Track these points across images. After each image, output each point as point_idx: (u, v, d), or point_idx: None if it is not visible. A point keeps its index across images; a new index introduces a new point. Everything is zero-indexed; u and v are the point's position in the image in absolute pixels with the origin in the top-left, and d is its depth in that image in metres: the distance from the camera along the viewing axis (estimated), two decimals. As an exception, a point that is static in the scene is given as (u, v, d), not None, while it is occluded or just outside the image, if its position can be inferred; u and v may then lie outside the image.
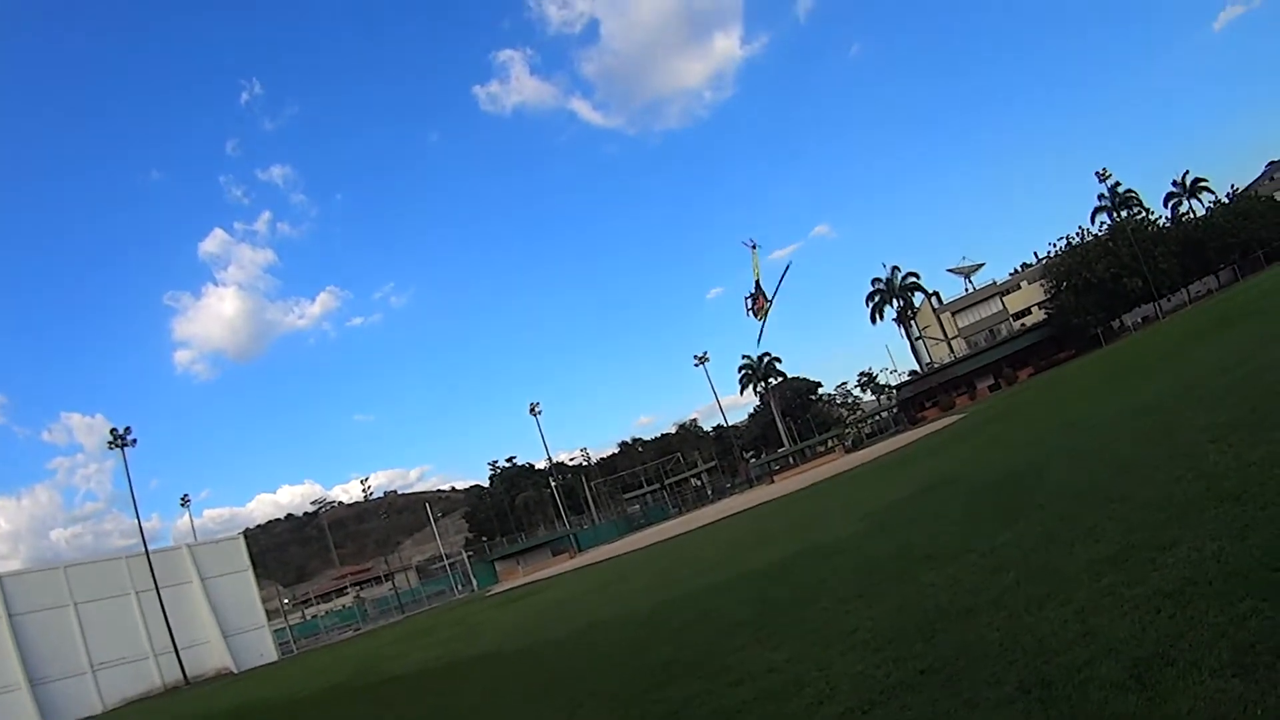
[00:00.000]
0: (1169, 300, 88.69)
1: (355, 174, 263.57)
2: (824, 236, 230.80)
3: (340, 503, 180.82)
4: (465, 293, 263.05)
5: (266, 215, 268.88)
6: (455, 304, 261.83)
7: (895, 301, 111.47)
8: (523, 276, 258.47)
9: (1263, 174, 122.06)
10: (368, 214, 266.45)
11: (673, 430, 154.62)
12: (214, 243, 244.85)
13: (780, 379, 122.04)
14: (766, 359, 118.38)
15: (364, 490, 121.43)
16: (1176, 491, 9.63)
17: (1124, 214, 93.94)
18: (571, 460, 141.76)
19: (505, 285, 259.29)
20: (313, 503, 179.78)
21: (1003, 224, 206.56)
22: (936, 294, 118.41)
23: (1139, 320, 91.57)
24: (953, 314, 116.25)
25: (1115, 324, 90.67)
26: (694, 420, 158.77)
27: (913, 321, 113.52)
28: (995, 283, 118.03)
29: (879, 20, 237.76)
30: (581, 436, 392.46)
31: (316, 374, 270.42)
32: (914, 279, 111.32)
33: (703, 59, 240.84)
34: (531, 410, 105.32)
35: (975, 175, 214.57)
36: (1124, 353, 50.16)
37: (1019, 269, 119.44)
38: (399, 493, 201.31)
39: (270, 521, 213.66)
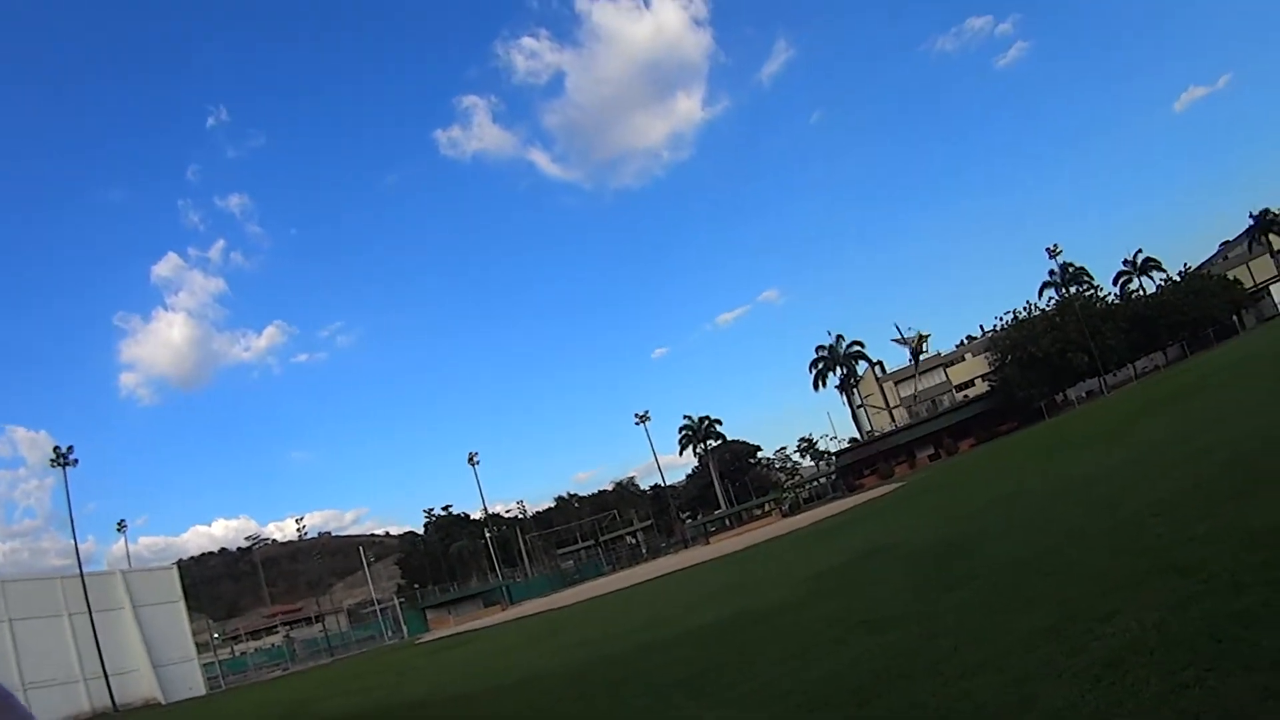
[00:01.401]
0: (1115, 375, 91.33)
1: (312, 209, 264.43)
2: (771, 301, 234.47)
3: (274, 540, 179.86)
4: (412, 336, 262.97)
5: (221, 243, 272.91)
6: (402, 347, 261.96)
7: (839, 369, 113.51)
8: (470, 324, 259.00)
9: (1216, 253, 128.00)
10: (321, 251, 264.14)
11: (610, 487, 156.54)
12: (167, 266, 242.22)
13: (720, 441, 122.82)
14: (706, 421, 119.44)
15: (299, 529, 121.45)
16: (1118, 563, 9.77)
17: (1073, 290, 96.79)
18: (508, 512, 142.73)
19: (452, 331, 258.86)
20: (247, 538, 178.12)
21: (951, 296, 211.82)
22: (880, 363, 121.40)
23: (1083, 395, 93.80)
24: (895, 384, 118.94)
25: (1059, 398, 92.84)
26: (632, 478, 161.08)
27: (855, 390, 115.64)
28: (940, 354, 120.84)
29: (842, 90, 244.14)
30: (518, 489, 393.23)
31: (258, 408, 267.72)
32: (858, 348, 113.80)
33: (664, 118, 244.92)
34: (470, 460, 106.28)
35: (927, 247, 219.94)
36: (1067, 426, 51.24)
37: (964, 341, 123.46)
38: (333, 534, 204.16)
39: (204, 554, 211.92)
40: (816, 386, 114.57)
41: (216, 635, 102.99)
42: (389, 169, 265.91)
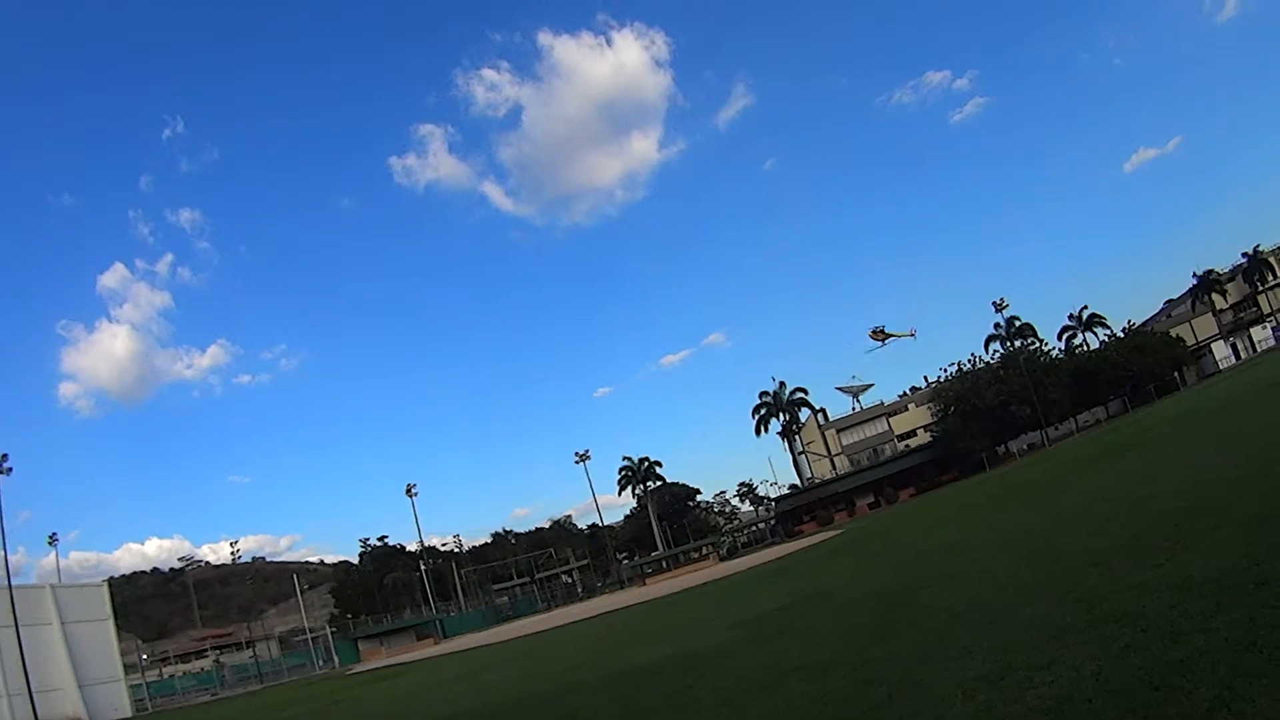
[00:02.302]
0: (1056, 429, 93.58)
1: (263, 229, 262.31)
2: (717, 345, 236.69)
3: (207, 562, 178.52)
4: (356, 363, 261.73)
5: (169, 258, 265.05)
6: (345, 374, 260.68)
7: (781, 415, 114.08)
8: (414, 354, 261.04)
9: (1160, 311, 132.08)
10: (269, 271, 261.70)
11: (548, 525, 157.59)
12: (114, 277, 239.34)
13: (659, 483, 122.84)
14: (646, 463, 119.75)
15: (232, 553, 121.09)
16: (1056, 613, 9.82)
17: (1018, 344, 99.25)
18: (444, 545, 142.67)
19: (396, 360, 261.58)
20: (180, 559, 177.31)
21: (897, 347, 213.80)
22: (823, 411, 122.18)
23: (1025, 447, 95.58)
24: (838, 431, 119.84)
25: (1001, 449, 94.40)
26: (569, 517, 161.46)
27: (797, 436, 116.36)
28: (883, 403, 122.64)
29: (797, 138, 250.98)
30: (455, 523, 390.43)
31: (197, 427, 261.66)
32: (802, 394, 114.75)
33: (619, 158, 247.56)
34: (408, 491, 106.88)
35: (874, 297, 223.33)
36: (1008, 477, 52.03)
37: (908, 392, 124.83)
38: (267, 559, 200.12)
39: (136, 572, 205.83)
40: (759, 432, 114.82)
41: (145, 656, 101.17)
42: (342, 193, 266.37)
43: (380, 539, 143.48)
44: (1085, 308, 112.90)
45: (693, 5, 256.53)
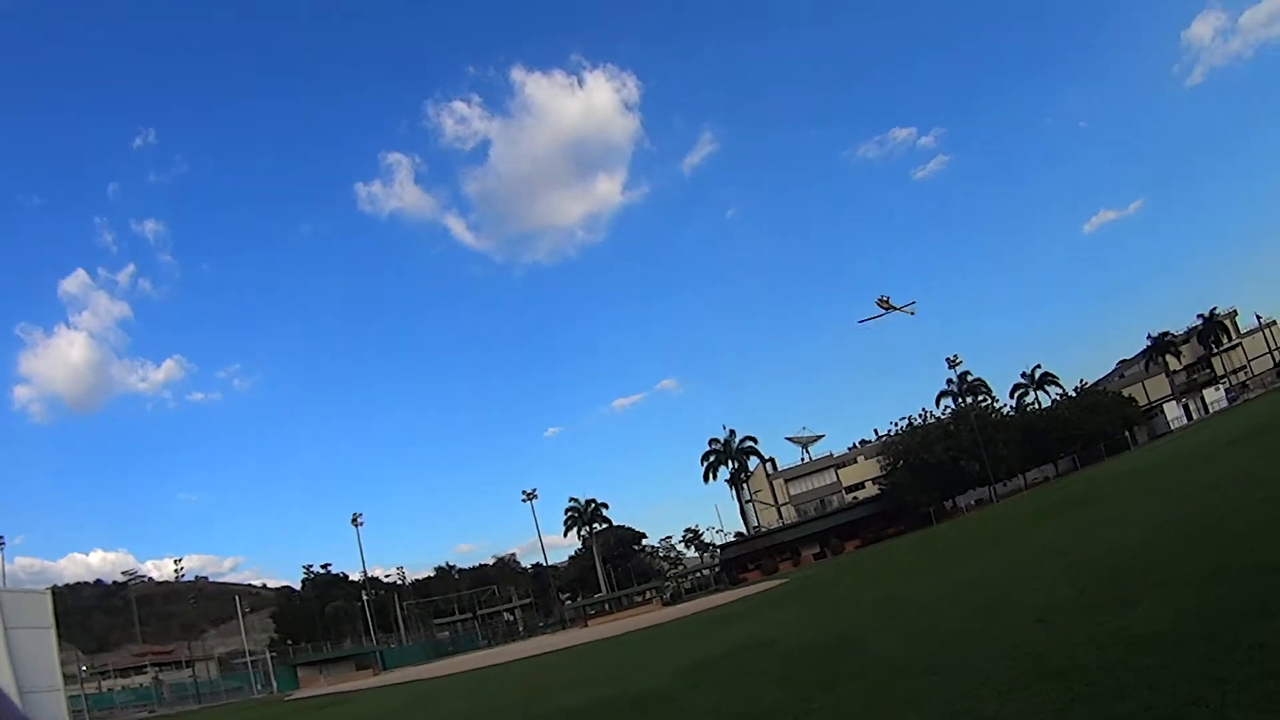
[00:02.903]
0: (1005, 485, 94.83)
1: (226, 247, 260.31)
2: (669, 390, 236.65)
3: (151, 578, 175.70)
4: (308, 389, 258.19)
5: (131, 268, 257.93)
6: (297, 398, 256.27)
7: (730, 463, 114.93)
8: (368, 382, 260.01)
9: (1113, 371, 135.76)
10: (229, 291, 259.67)
11: (491, 562, 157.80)
12: (75, 283, 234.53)
13: (605, 525, 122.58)
14: (593, 504, 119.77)
15: (176, 570, 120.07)
16: (1000, 667, 9.81)
17: (969, 400, 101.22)
18: (387, 577, 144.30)
19: (349, 388, 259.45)
20: (124, 573, 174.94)
21: (849, 399, 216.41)
22: (772, 460, 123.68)
23: (973, 502, 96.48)
24: (786, 481, 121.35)
25: (949, 504, 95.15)
26: (513, 555, 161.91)
27: (745, 484, 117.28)
28: (832, 455, 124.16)
29: (761, 188, 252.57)
30: (399, 554, 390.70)
31: (148, 441, 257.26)
32: (751, 443, 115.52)
33: (583, 198, 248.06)
34: (353, 520, 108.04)
35: (829, 349, 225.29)
36: (955, 532, 52.43)
37: (857, 444, 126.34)
38: (210, 579, 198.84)
39: (79, 583, 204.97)
40: (707, 479, 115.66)
41: (85, 668, 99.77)
42: (306, 217, 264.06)
43: (324, 566, 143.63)
44: (1038, 366, 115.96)
45: (665, 50, 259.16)
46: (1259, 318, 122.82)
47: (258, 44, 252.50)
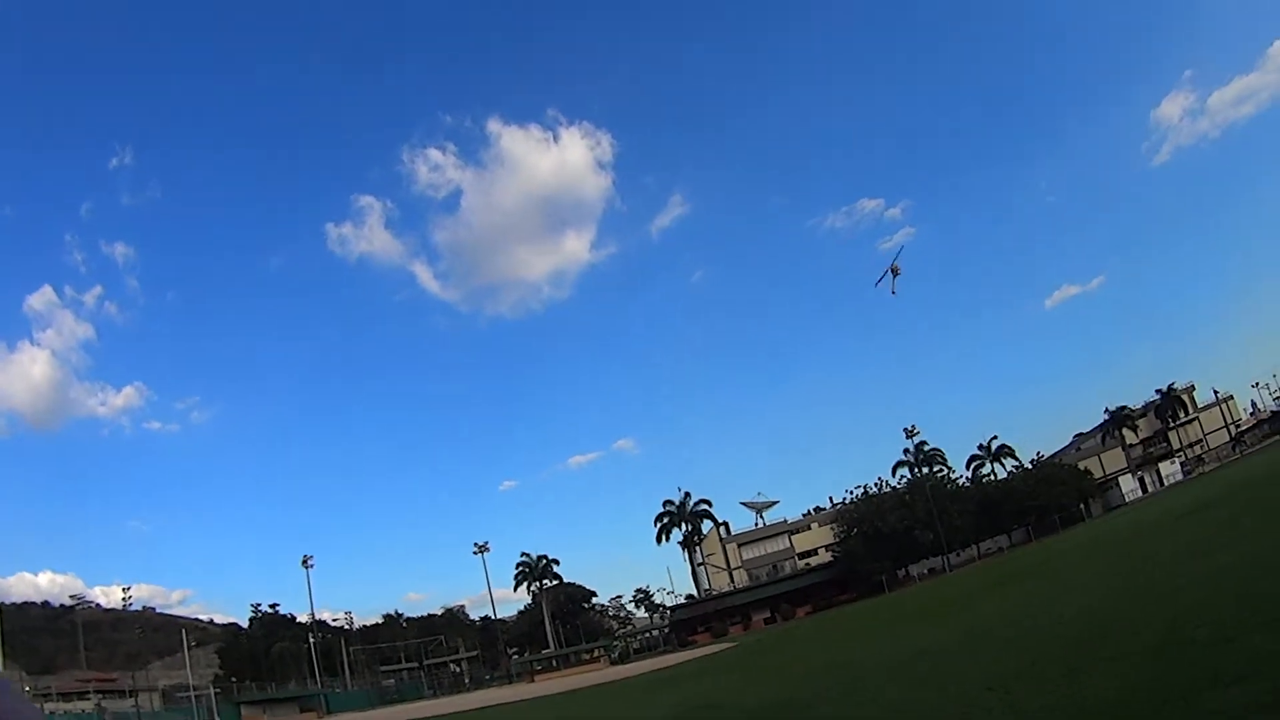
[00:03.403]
0: (959, 555, 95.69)
1: (193, 277, 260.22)
2: (626, 450, 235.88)
3: (99, 604, 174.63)
4: (266, 426, 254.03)
5: (98, 289, 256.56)
6: (254, 435, 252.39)
7: (684, 526, 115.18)
8: (325, 424, 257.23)
9: (1070, 444, 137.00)
10: (194, 321, 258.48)
11: (440, 612, 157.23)
12: (41, 300, 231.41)
13: (556, 582, 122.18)
14: (544, 560, 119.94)
15: (124, 598, 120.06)
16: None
17: (925, 470, 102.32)
18: (334, 621, 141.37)
19: (306, 428, 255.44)
20: (71, 596, 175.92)
21: (804, 466, 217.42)
22: (726, 524, 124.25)
23: (926, 571, 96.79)
24: (739, 545, 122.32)
25: (901, 573, 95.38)
26: (463, 606, 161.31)
27: (698, 547, 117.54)
28: (786, 521, 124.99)
29: (728, 253, 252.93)
30: (348, 599, 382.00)
31: (104, 466, 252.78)
32: (705, 506, 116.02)
33: (551, 254, 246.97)
34: (304, 562, 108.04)
35: (788, 416, 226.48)
36: (907, 600, 52.39)
37: (812, 511, 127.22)
38: (157, 610, 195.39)
39: (27, 603, 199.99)
40: (660, 540, 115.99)
41: (28, 689, 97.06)
42: (275, 252, 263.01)
43: (272, 606, 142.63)
44: (994, 438, 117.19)
45: (641, 111, 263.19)
46: (1216, 392, 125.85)
47: (242, 76, 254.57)
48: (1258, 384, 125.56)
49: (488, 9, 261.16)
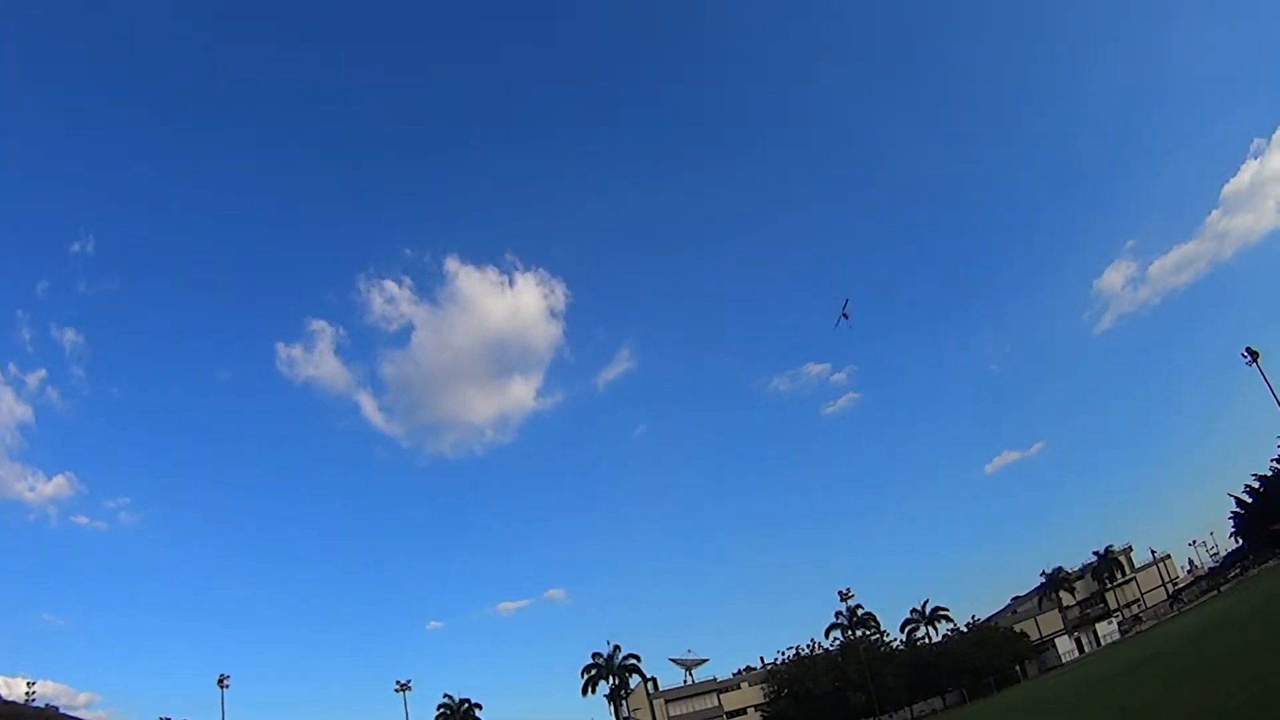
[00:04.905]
0: (891, 717, 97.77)
1: (139, 375, 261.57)
2: (556, 600, 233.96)
3: (1, 696, 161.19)
4: (196, 536, 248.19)
5: (42, 373, 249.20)
6: (181, 544, 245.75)
7: (611, 679, 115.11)
8: (254, 544, 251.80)
9: (1006, 607, 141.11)
10: (135, 420, 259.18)
11: None
12: None
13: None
14: (467, 705, 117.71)
15: (28, 694, 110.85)
16: None
17: (859, 633, 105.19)
18: None
19: (237, 546, 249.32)
20: None
21: (737, 625, 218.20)
22: (654, 680, 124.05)
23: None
24: (666, 702, 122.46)
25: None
26: None
27: (625, 702, 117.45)
28: (716, 679, 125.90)
29: (673, 411, 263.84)
30: None
31: (23, 553, 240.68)
32: (634, 660, 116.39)
33: (496, 397, 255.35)
34: (219, 681, 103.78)
35: (723, 576, 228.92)
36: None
37: (743, 670, 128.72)
38: (61, 710, 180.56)
39: None
40: (585, 692, 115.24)
41: None
42: (224, 365, 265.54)
43: None
44: (927, 601, 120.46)
45: (596, 262, 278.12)
46: (1153, 552, 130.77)
47: (212, 185, 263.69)
48: (1194, 542, 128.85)
49: (452, 146, 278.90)
